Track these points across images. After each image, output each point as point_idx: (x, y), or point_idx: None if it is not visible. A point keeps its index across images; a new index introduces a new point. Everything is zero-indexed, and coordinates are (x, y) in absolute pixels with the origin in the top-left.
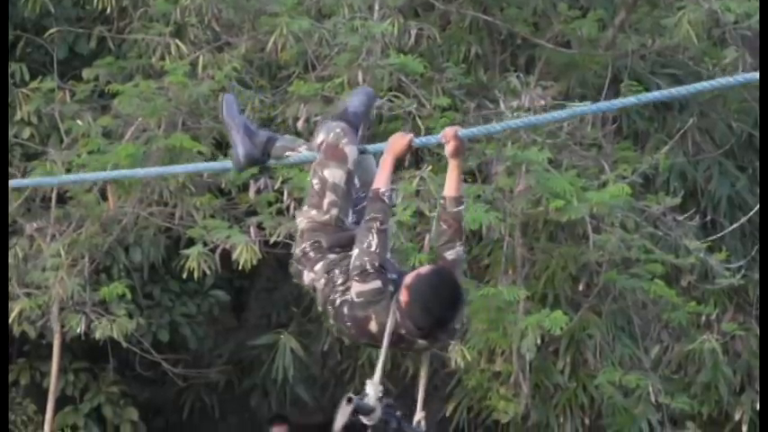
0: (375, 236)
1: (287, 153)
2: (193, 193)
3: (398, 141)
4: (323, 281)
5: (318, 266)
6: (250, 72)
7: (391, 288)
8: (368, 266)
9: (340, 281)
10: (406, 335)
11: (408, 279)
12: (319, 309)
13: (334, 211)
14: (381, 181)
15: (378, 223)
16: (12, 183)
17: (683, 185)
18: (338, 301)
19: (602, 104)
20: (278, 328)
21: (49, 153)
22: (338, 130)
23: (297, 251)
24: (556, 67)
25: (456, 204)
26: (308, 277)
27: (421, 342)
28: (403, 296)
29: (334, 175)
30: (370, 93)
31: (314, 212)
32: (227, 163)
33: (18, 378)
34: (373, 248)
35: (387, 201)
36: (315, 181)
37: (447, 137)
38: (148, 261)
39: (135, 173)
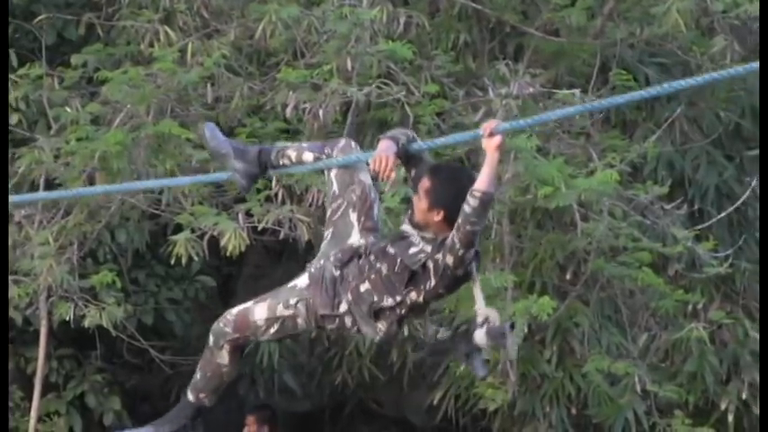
0: None
1: (282, 161)
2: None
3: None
4: None
5: None
6: (239, 59)
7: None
8: None
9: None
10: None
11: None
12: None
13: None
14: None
15: None
16: (16, 198)
17: (671, 174)
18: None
19: (636, 94)
20: None
21: (37, 140)
22: None
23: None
24: (544, 55)
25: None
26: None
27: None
28: (426, 187)
29: None
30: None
31: None
32: (223, 174)
33: None
34: None
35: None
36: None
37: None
38: (133, 246)
39: (133, 186)
